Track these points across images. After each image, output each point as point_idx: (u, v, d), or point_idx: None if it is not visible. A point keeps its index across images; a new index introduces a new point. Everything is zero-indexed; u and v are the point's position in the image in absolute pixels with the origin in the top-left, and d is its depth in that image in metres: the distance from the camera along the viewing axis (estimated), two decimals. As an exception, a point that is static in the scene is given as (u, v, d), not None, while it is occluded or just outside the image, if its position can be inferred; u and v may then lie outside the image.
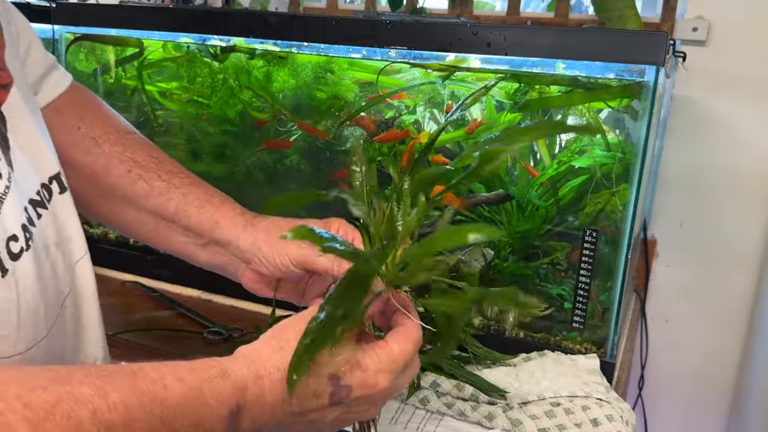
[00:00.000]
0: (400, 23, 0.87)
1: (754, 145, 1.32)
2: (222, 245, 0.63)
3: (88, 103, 0.68)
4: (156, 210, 0.64)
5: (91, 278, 0.59)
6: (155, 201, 0.63)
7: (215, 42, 1.05)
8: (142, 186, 0.63)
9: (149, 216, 0.64)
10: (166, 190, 0.63)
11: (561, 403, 0.79)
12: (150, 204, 0.64)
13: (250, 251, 0.61)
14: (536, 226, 0.95)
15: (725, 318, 1.41)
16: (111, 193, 0.64)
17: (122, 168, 0.64)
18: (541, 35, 0.81)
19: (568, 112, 0.94)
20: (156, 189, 0.63)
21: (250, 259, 0.62)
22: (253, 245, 0.61)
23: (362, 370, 0.47)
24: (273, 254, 0.60)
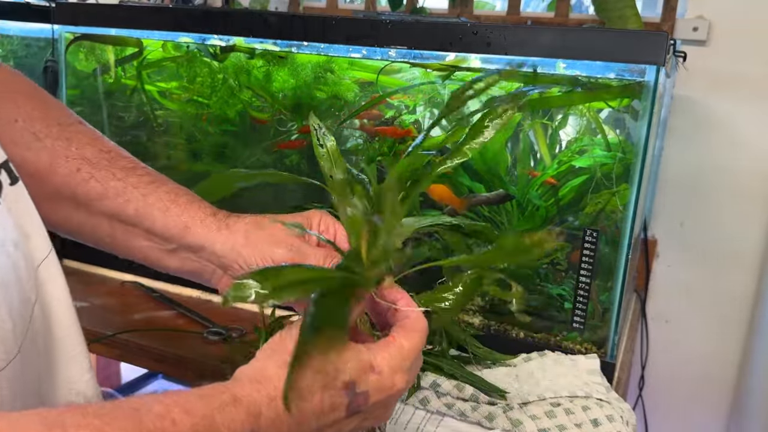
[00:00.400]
0: (400, 23, 0.87)
1: (755, 145, 1.32)
2: (194, 251, 0.57)
3: (23, 88, 0.59)
4: (112, 213, 0.57)
5: (60, 281, 0.51)
6: (111, 203, 0.56)
7: (215, 42, 1.05)
8: (94, 186, 0.56)
9: (104, 219, 0.57)
10: (123, 191, 0.56)
11: (561, 403, 0.78)
12: (105, 206, 0.56)
13: (228, 257, 0.55)
14: (536, 226, 0.95)
15: (725, 318, 1.41)
16: (58, 195, 0.57)
17: (69, 166, 0.56)
18: (542, 35, 0.81)
19: (568, 111, 0.94)
20: (111, 189, 0.56)
21: (229, 264, 0.56)
22: (231, 250, 0.55)
23: (377, 373, 0.44)
24: (256, 259, 0.54)
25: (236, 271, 0.55)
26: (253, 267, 0.54)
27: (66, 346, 0.51)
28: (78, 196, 0.56)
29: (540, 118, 0.95)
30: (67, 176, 0.56)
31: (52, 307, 0.50)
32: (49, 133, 0.57)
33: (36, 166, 0.56)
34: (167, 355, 0.90)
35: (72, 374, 0.51)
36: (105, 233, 0.58)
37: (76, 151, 0.57)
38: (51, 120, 0.58)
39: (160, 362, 0.91)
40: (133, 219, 0.56)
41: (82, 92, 1.19)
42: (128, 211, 0.56)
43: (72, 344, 0.51)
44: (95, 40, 1.14)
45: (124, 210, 0.56)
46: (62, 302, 0.51)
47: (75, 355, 0.51)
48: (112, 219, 0.57)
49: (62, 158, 0.56)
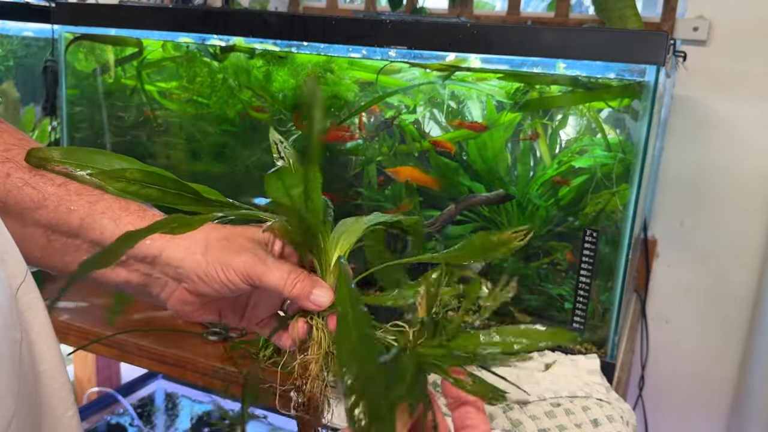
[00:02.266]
0: (400, 23, 0.87)
1: (755, 144, 1.32)
2: (146, 261, 0.50)
3: None
4: (51, 223, 0.49)
5: (40, 307, 0.45)
6: (50, 213, 0.49)
7: (215, 42, 1.05)
8: (29, 193, 0.48)
9: (38, 231, 0.50)
10: (64, 198, 0.49)
11: (561, 403, 0.78)
12: (41, 216, 0.49)
13: (185, 266, 0.49)
14: (536, 226, 0.95)
15: (726, 318, 1.41)
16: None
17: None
18: (542, 35, 0.81)
19: (568, 111, 0.94)
20: (51, 197, 0.49)
21: (186, 275, 0.50)
22: (190, 259, 0.49)
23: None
24: (215, 268, 0.49)
25: (194, 283, 0.50)
26: (213, 277, 0.49)
27: (48, 379, 0.45)
28: (8, 205, 0.49)
29: (540, 118, 0.95)
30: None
31: (32, 338, 0.44)
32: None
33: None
34: (167, 355, 0.90)
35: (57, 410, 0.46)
36: (37, 246, 0.50)
37: (2, 154, 0.49)
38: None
39: (160, 362, 0.91)
40: (77, 230, 0.49)
41: (81, 92, 1.19)
42: (72, 221, 0.49)
43: (54, 377, 0.45)
44: (95, 40, 1.14)
45: (66, 220, 0.49)
46: (43, 332, 0.45)
47: (58, 389, 0.46)
48: (50, 230, 0.50)
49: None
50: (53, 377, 0.45)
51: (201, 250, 0.49)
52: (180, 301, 0.51)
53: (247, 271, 0.48)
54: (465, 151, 0.98)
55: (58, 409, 0.46)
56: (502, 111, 0.95)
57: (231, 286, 0.49)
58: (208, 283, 0.49)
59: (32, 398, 0.43)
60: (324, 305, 0.49)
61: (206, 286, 0.49)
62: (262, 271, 0.48)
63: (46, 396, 0.45)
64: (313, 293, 0.48)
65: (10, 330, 0.39)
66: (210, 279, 0.49)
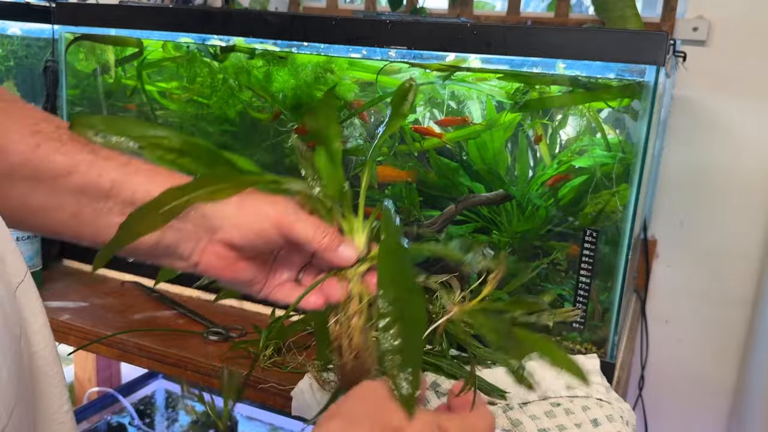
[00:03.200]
0: (400, 23, 0.87)
1: (755, 144, 1.32)
2: (180, 216, 0.50)
3: None
4: (83, 188, 0.49)
5: (38, 305, 0.46)
6: (82, 177, 0.49)
7: (215, 42, 1.05)
8: (59, 160, 0.49)
9: (70, 197, 0.50)
10: (94, 162, 0.50)
11: (561, 403, 0.79)
12: (73, 182, 0.49)
13: (217, 217, 0.50)
14: (536, 226, 0.95)
15: (725, 318, 1.41)
16: (12, 176, 0.49)
17: (26, 143, 0.49)
18: (541, 35, 0.81)
19: (568, 111, 0.94)
20: (82, 162, 0.49)
21: (219, 226, 0.50)
22: (224, 209, 0.50)
23: None
24: (249, 217, 0.50)
25: (228, 233, 0.50)
26: (248, 227, 0.50)
27: (44, 375, 0.46)
28: (39, 173, 0.49)
29: (540, 118, 0.95)
30: (24, 152, 0.49)
31: (29, 335, 0.45)
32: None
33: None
34: (167, 355, 0.90)
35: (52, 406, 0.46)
36: (69, 213, 0.51)
37: (31, 126, 0.49)
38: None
39: (161, 362, 0.91)
40: (108, 192, 0.50)
41: (82, 92, 1.19)
42: (103, 183, 0.50)
43: (50, 373, 0.46)
44: (95, 40, 1.14)
45: (98, 183, 0.50)
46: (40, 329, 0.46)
47: (54, 385, 0.46)
48: (81, 195, 0.50)
49: (15, 134, 0.49)
50: (49, 374, 0.46)
51: (235, 201, 0.50)
52: (213, 255, 0.52)
53: (280, 219, 0.49)
54: (465, 151, 0.98)
55: (54, 404, 0.46)
56: (502, 111, 0.95)
57: (264, 235, 0.50)
58: (243, 233, 0.50)
59: (29, 393, 0.43)
60: (350, 260, 0.51)
61: (240, 236, 0.50)
62: (294, 220, 0.49)
63: (42, 391, 0.45)
64: (340, 247, 0.51)
65: (11, 326, 0.40)
66: (244, 228, 0.50)
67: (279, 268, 0.55)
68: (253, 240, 0.50)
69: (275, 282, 0.55)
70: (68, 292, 1.08)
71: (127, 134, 0.51)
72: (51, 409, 0.46)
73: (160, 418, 1.50)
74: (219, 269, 0.52)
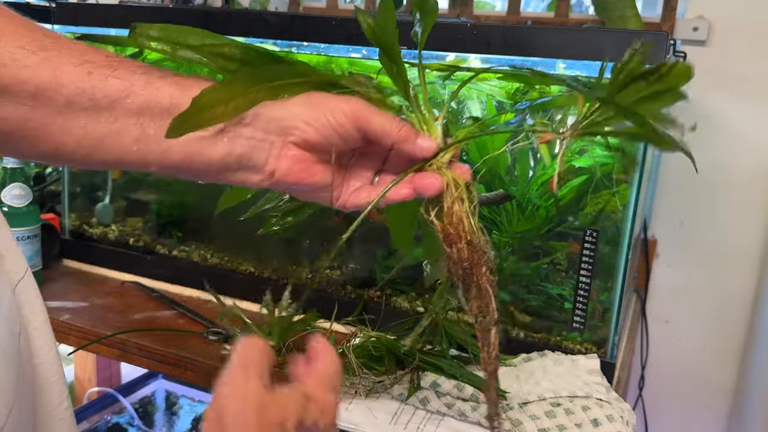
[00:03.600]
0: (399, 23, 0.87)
1: (755, 144, 1.32)
2: (248, 123, 0.50)
3: None
4: (143, 108, 0.49)
5: (38, 302, 0.46)
6: (140, 97, 0.49)
7: (215, 42, 1.05)
8: (114, 84, 0.48)
9: (132, 120, 0.49)
10: (149, 82, 0.49)
11: (561, 403, 0.79)
12: (133, 103, 0.49)
13: (290, 118, 0.49)
14: (536, 226, 0.95)
15: (725, 318, 1.41)
16: (71, 107, 0.49)
17: (79, 71, 0.48)
18: (542, 35, 0.81)
19: (568, 112, 0.94)
20: (137, 83, 0.49)
21: (291, 126, 0.49)
22: (293, 110, 0.49)
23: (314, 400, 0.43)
24: (323, 112, 0.49)
25: (301, 131, 0.49)
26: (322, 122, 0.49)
27: (44, 372, 0.46)
28: (97, 99, 0.49)
29: (540, 118, 0.95)
30: (78, 82, 0.48)
31: (29, 332, 0.44)
32: (42, 46, 0.49)
33: (36, 83, 0.48)
34: (167, 355, 0.91)
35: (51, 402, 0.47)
36: (133, 138, 0.50)
37: (80, 57, 0.49)
38: (38, 34, 0.50)
39: (161, 362, 0.91)
40: (168, 108, 0.49)
41: (82, 92, 1.19)
42: (162, 99, 0.49)
43: (50, 370, 0.46)
44: (95, 40, 1.13)
45: (156, 100, 0.49)
46: (40, 327, 0.45)
47: (53, 382, 0.46)
48: (142, 116, 0.49)
49: (67, 66, 0.48)
50: (49, 370, 0.46)
51: (303, 101, 0.50)
52: (290, 160, 0.50)
53: (356, 112, 0.48)
54: (465, 151, 0.98)
55: (53, 401, 0.46)
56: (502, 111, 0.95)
57: (340, 130, 0.49)
58: (317, 127, 0.49)
59: (28, 390, 0.43)
60: (430, 149, 0.50)
61: (314, 131, 0.49)
62: (370, 113, 0.49)
63: (41, 388, 0.45)
64: (418, 138, 0.50)
65: (11, 324, 0.40)
66: (318, 122, 0.49)
67: (352, 175, 0.54)
68: (329, 136, 0.49)
69: (351, 188, 0.54)
70: (68, 292, 1.08)
71: (185, 43, 0.50)
72: (50, 406, 0.46)
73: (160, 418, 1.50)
74: (296, 173, 0.51)
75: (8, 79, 0.47)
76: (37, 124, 0.49)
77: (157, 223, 1.19)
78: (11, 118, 0.47)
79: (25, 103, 0.48)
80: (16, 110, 0.48)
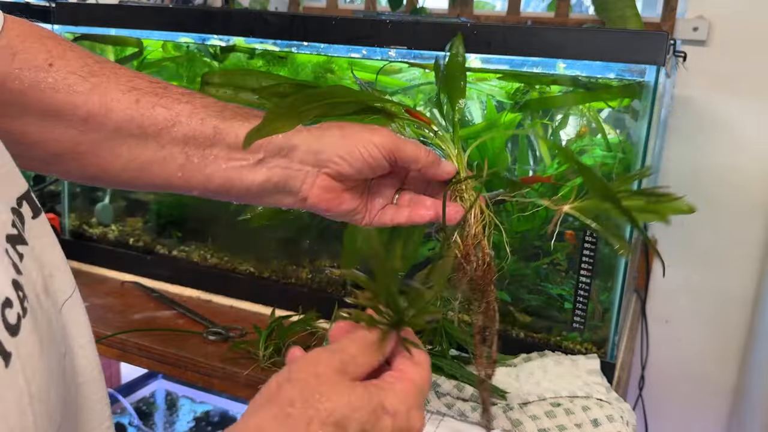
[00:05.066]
0: (400, 23, 0.87)
1: (755, 145, 1.32)
2: (285, 154, 0.53)
3: (47, 33, 0.52)
4: (188, 137, 0.52)
5: (84, 320, 0.46)
6: (185, 127, 0.52)
7: (215, 42, 1.05)
8: (161, 113, 0.51)
9: (177, 148, 0.52)
10: (193, 112, 0.52)
11: (561, 403, 0.78)
12: (178, 132, 0.52)
13: (326, 151, 0.53)
14: (536, 226, 0.95)
15: (726, 318, 1.41)
16: (119, 133, 0.51)
17: (127, 99, 0.51)
18: (541, 35, 0.81)
19: (568, 111, 0.94)
20: (181, 113, 0.52)
21: (327, 159, 0.53)
22: (330, 143, 0.53)
23: (391, 415, 0.39)
24: (356, 146, 0.52)
25: (336, 165, 0.53)
26: (356, 156, 0.53)
27: (87, 392, 0.45)
28: (145, 127, 0.51)
29: (540, 118, 0.95)
30: (127, 109, 0.51)
31: (75, 351, 0.44)
32: (91, 71, 0.51)
33: (87, 109, 0.50)
34: (167, 355, 0.90)
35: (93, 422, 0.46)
36: (178, 164, 0.53)
37: (127, 84, 0.52)
38: (88, 59, 0.52)
39: (161, 362, 0.91)
40: (212, 138, 0.52)
41: (82, 92, 1.19)
42: (206, 130, 0.52)
43: (93, 390, 0.46)
44: (95, 40, 1.14)
45: (201, 131, 0.52)
46: (86, 345, 0.46)
47: (96, 401, 0.46)
48: (187, 145, 0.52)
49: (116, 92, 0.51)
50: (92, 390, 0.46)
51: (338, 134, 0.53)
52: (322, 189, 0.54)
53: (388, 144, 0.53)
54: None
55: (95, 421, 0.46)
56: (502, 111, 0.95)
57: (372, 162, 0.53)
58: (351, 161, 0.53)
59: (72, 410, 0.43)
60: (452, 172, 0.57)
61: (348, 165, 0.53)
62: (401, 143, 0.53)
63: (83, 407, 0.45)
64: (442, 162, 0.56)
65: (57, 344, 0.40)
66: (352, 157, 0.53)
67: (374, 196, 0.59)
68: (361, 168, 0.53)
69: (375, 208, 0.59)
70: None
71: (245, 86, 0.58)
72: (92, 424, 0.46)
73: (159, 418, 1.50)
74: (327, 201, 0.55)
75: (61, 104, 0.49)
76: (87, 148, 0.51)
77: (157, 223, 1.19)
78: (63, 140, 0.50)
79: (76, 127, 0.50)
80: (67, 133, 0.50)
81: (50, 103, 0.50)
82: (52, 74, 0.50)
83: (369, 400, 0.38)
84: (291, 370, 0.39)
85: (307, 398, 0.37)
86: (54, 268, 0.43)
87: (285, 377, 0.39)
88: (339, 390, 0.38)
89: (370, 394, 0.38)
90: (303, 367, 0.39)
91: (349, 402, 0.37)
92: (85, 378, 0.45)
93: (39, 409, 0.34)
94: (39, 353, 0.35)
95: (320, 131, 0.54)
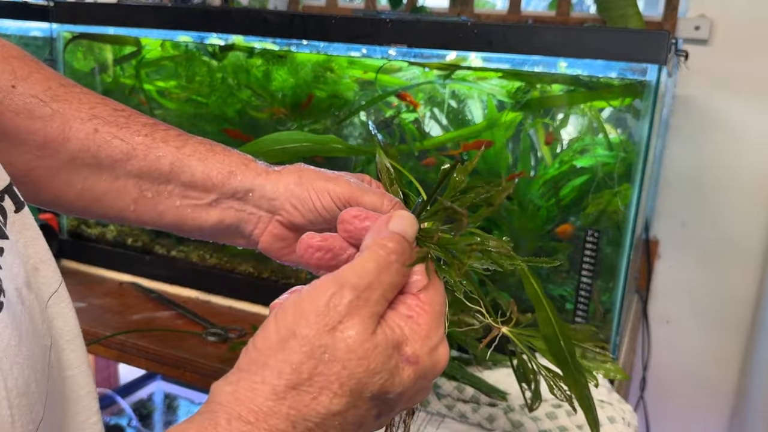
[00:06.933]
0: (400, 22, 0.87)
1: (757, 144, 1.31)
2: (239, 197, 0.52)
3: (15, 53, 0.52)
4: (142, 172, 0.51)
5: (71, 315, 0.45)
6: (140, 162, 0.50)
7: (214, 40, 1.05)
8: (118, 146, 0.50)
9: (131, 182, 0.51)
10: (152, 146, 0.51)
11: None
12: (133, 166, 0.50)
13: (280, 197, 0.51)
14: (537, 226, 0.94)
15: (727, 319, 1.40)
16: (75, 163, 0.51)
17: (86, 128, 0.50)
18: (543, 34, 0.80)
19: (569, 111, 0.93)
20: (139, 147, 0.51)
21: (280, 207, 0.51)
22: (284, 189, 0.51)
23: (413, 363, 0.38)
24: (311, 195, 0.50)
25: (288, 213, 0.51)
26: (309, 206, 0.50)
27: (74, 386, 0.45)
28: (101, 159, 0.50)
29: (541, 117, 0.94)
30: (84, 139, 0.50)
31: (61, 345, 0.44)
32: (54, 96, 0.50)
33: (45, 134, 0.49)
34: (166, 355, 0.90)
35: (80, 416, 0.45)
36: (131, 198, 0.52)
37: (89, 112, 0.51)
38: (52, 82, 0.51)
39: (159, 363, 0.91)
40: (167, 175, 0.51)
41: (80, 91, 1.19)
42: (162, 167, 0.51)
43: (81, 384, 0.45)
44: (94, 39, 1.13)
45: (157, 167, 0.51)
46: (73, 339, 0.45)
47: (84, 395, 0.46)
48: (141, 179, 0.51)
49: (75, 121, 0.50)
50: (79, 384, 0.45)
51: (295, 181, 0.51)
52: (273, 237, 0.52)
53: (344, 195, 0.49)
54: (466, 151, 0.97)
55: (82, 414, 0.46)
56: (503, 110, 0.95)
57: (325, 213, 0.50)
58: (302, 211, 0.50)
59: (58, 404, 0.43)
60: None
61: (299, 215, 0.51)
62: (359, 195, 0.50)
63: (71, 402, 0.45)
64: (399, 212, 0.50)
65: (41, 337, 0.39)
66: (305, 207, 0.50)
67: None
68: (313, 219, 0.51)
69: (343, 254, 0.55)
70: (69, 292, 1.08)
71: None
72: (80, 419, 0.45)
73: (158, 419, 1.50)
74: (276, 250, 0.53)
75: (20, 128, 0.48)
76: (42, 173, 0.50)
77: (156, 223, 1.19)
78: (17, 164, 0.49)
79: (32, 152, 0.49)
80: (22, 158, 0.49)
81: (10, 126, 0.49)
82: (14, 97, 0.49)
83: (385, 356, 0.37)
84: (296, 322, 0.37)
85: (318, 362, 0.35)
86: (38, 262, 0.43)
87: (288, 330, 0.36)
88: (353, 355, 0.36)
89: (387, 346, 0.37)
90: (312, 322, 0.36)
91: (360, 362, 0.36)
92: (74, 371, 0.45)
93: (17, 402, 0.34)
94: (17, 346, 0.35)
95: (278, 175, 0.51)
